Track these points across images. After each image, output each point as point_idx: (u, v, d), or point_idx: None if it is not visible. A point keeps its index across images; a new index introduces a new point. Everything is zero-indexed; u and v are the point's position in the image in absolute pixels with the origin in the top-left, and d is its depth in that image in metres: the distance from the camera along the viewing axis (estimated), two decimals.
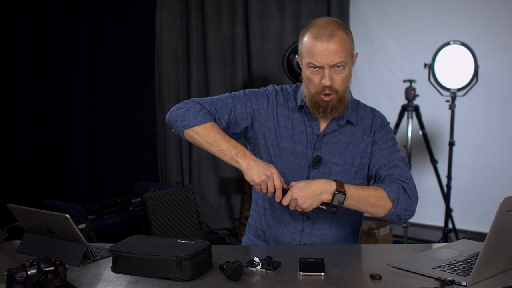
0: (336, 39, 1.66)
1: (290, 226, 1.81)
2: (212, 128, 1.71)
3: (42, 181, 3.89)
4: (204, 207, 4.80)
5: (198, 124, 1.71)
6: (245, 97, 1.81)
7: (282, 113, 1.82)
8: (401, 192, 1.65)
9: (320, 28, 1.67)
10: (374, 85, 4.92)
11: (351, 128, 1.81)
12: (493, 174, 4.41)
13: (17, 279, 1.23)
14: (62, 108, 3.99)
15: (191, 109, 1.73)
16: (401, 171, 1.71)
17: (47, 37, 3.87)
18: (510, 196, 1.30)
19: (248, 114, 1.80)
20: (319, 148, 1.78)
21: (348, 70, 1.71)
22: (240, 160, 1.67)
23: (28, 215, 1.67)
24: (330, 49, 1.65)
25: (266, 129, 1.81)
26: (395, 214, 1.65)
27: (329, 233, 1.81)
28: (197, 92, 4.76)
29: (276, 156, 1.80)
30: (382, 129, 1.81)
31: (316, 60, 1.66)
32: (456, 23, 4.45)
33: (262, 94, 1.83)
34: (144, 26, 4.52)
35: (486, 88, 4.16)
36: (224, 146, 1.69)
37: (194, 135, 1.72)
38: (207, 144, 1.71)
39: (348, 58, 1.70)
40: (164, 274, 1.41)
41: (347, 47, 1.68)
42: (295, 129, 1.80)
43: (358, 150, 1.79)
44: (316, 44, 1.66)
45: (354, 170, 1.79)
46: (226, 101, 1.79)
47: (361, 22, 5.01)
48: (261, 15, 4.86)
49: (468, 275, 1.38)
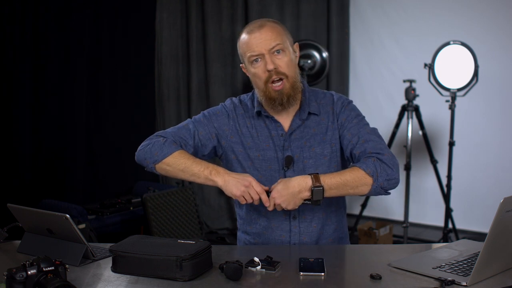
0: (267, 27, 1.72)
1: (278, 229, 1.82)
2: (180, 156, 1.73)
3: (42, 181, 3.89)
4: (204, 207, 4.80)
5: (166, 156, 1.73)
6: (205, 119, 1.84)
7: (245, 124, 1.83)
8: (378, 164, 1.64)
9: (250, 25, 1.77)
10: (374, 85, 4.92)
11: (315, 118, 1.81)
12: (493, 174, 4.41)
13: (17, 279, 1.23)
14: (62, 108, 3.99)
15: (156, 143, 1.76)
16: (373, 144, 1.70)
17: (47, 37, 3.87)
18: (510, 196, 1.30)
19: (212, 134, 1.82)
20: (288, 147, 1.79)
21: (289, 55, 1.74)
22: (214, 178, 1.69)
23: (28, 215, 1.67)
24: (263, 36, 1.71)
25: (233, 144, 1.83)
26: (378, 188, 1.65)
27: (317, 229, 1.81)
28: (197, 92, 4.77)
29: (250, 167, 1.81)
30: (344, 109, 1.81)
31: (253, 50, 1.71)
32: (456, 23, 4.45)
33: (221, 112, 1.86)
34: (144, 26, 4.52)
35: (486, 88, 4.16)
36: (196, 169, 1.71)
37: (165, 167, 1.74)
38: (179, 172, 1.73)
39: (285, 43, 1.73)
40: (164, 274, 1.41)
41: (280, 33, 1.73)
42: (260, 136, 1.81)
43: (326, 139, 1.80)
44: (250, 36, 1.73)
45: (326, 159, 1.79)
46: (188, 127, 1.82)
47: (361, 22, 5.01)
48: (261, 15, 4.86)
49: (468, 275, 1.38)
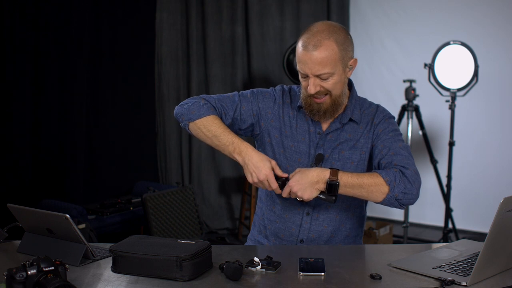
0: (322, 49, 1.65)
1: (289, 221, 1.84)
2: (213, 122, 1.76)
3: (42, 181, 3.89)
4: (204, 207, 4.80)
5: (201, 117, 1.76)
6: (252, 96, 1.86)
7: (288, 112, 1.86)
8: (398, 176, 1.63)
9: (309, 36, 1.68)
10: (374, 85, 4.92)
11: (354, 125, 1.83)
12: (493, 174, 4.41)
13: (17, 279, 1.23)
14: (62, 108, 3.99)
15: (196, 103, 1.79)
16: (401, 158, 1.69)
17: (47, 37, 3.87)
18: (510, 196, 1.30)
19: (254, 112, 1.85)
20: (322, 146, 1.81)
21: (336, 78, 1.70)
22: (236, 157, 1.72)
23: (28, 215, 1.67)
24: (314, 60, 1.66)
25: (272, 128, 1.85)
26: (393, 198, 1.64)
27: (327, 230, 1.82)
28: (197, 92, 4.76)
29: (281, 154, 1.83)
30: (384, 122, 1.81)
31: (302, 68, 1.70)
32: (456, 23, 4.45)
33: (269, 94, 1.88)
34: (144, 26, 4.52)
35: (486, 88, 4.16)
36: (222, 141, 1.74)
37: (196, 128, 1.78)
38: (207, 138, 1.77)
39: (336, 67, 1.68)
40: (164, 274, 1.41)
41: (334, 57, 1.67)
42: (299, 128, 1.84)
43: (357, 145, 1.81)
44: (303, 52, 1.68)
45: (353, 165, 1.80)
46: (233, 99, 1.85)
47: (361, 22, 5.01)
48: (261, 15, 4.86)
49: (468, 275, 1.38)
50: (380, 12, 4.92)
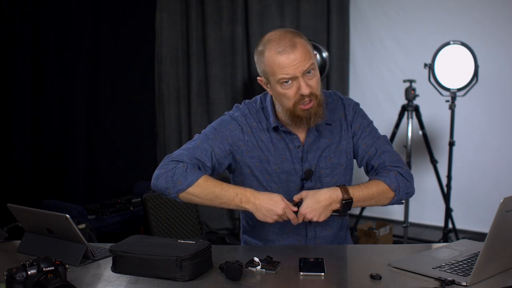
0: (299, 46, 1.64)
1: (294, 234, 1.81)
2: (205, 183, 1.66)
3: (42, 181, 3.89)
4: (204, 207, 4.79)
5: (191, 184, 1.65)
6: (218, 135, 1.76)
7: (260, 137, 1.78)
8: (400, 179, 1.71)
9: (278, 41, 1.65)
10: (374, 85, 4.92)
11: (328, 128, 1.80)
12: (493, 174, 4.41)
13: (17, 279, 1.23)
14: (62, 108, 3.99)
15: (177, 171, 1.66)
16: (390, 155, 1.76)
17: (47, 37, 3.87)
18: (510, 196, 1.30)
19: (227, 151, 1.76)
20: (306, 160, 1.77)
21: (317, 71, 1.70)
22: (245, 206, 1.65)
23: (28, 215, 1.67)
24: (297, 58, 1.63)
25: (249, 159, 1.78)
26: (398, 201, 1.74)
27: (332, 234, 1.83)
28: (197, 92, 4.76)
29: (267, 180, 1.78)
30: (357, 116, 1.81)
31: (287, 73, 1.63)
32: (456, 23, 4.45)
33: (233, 125, 1.78)
34: (144, 26, 4.52)
35: (486, 88, 4.15)
36: (225, 198, 1.66)
37: (190, 197, 1.68)
38: (207, 201, 1.68)
39: (314, 59, 1.69)
40: (164, 274, 1.41)
41: (310, 50, 1.67)
42: (277, 149, 1.78)
43: (341, 148, 1.80)
44: (282, 57, 1.63)
45: (342, 168, 1.80)
46: (203, 147, 1.74)
47: (361, 22, 5.00)
48: (261, 15, 4.86)
49: (468, 275, 1.38)
50: (380, 12, 4.92)
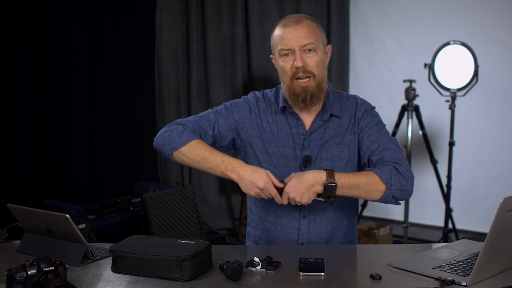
0: (303, 24, 1.72)
1: (287, 227, 1.81)
2: (197, 146, 1.73)
3: (42, 181, 3.89)
4: (204, 207, 4.80)
5: (184, 144, 1.72)
6: (226, 111, 1.83)
7: (266, 118, 1.83)
8: (394, 173, 1.64)
9: (287, 18, 1.76)
10: (374, 85, 4.92)
11: (337, 121, 1.81)
12: (493, 174, 4.42)
13: (17, 279, 1.23)
14: (62, 108, 3.99)
15: (175, 131, 1.75)
16: (392, 153, 1.70)
17: (47, 37, 3.87)
18: (510, 196, 1.30)
19: (232, 126, 1.82)
20: (308, 147, 1.79)
21: (320, 55, 1.73)
22: (230, 174, 1.68)
23: (28, 215, 1.67)
24: (298, 32, 1.70)
25: (253, 138, 1.83)
26: (390, 196, 1.65)
27: (326, 230, 1.81)
28: (197, 92, 4.76)
29: (267, 162, 1.80)
30: (367, 115, 1.81)
31: (285, 44, 1.71)
32: (456, 23, 4.45)
33: (243, 104, 1.85)
34: (144, 26, 4.52)
35: (486, 88, 4.16)
36: (212, 162, 1.70)
37: (182, 156, 1.75)
38: (196, 163, 1.74)
39: (318, 42, 1.73)
40: (164, 274, 1.41)
41: (315, 32, 1.73)
42: (281, 132, 1.81)
43: (345, 142, 1.79)
44: (285, 30, 1.73)
45: (343, 162, 1.79)
46: (208, 117, 1.82)
47: (361, 22, 5.01)
48: (261, 15, 4.86)
49: (468, 275, 1.38)
50: (380, 12, 4.92)
